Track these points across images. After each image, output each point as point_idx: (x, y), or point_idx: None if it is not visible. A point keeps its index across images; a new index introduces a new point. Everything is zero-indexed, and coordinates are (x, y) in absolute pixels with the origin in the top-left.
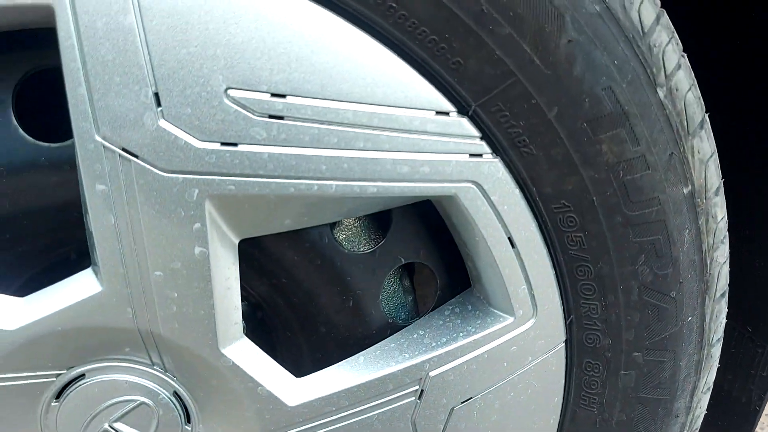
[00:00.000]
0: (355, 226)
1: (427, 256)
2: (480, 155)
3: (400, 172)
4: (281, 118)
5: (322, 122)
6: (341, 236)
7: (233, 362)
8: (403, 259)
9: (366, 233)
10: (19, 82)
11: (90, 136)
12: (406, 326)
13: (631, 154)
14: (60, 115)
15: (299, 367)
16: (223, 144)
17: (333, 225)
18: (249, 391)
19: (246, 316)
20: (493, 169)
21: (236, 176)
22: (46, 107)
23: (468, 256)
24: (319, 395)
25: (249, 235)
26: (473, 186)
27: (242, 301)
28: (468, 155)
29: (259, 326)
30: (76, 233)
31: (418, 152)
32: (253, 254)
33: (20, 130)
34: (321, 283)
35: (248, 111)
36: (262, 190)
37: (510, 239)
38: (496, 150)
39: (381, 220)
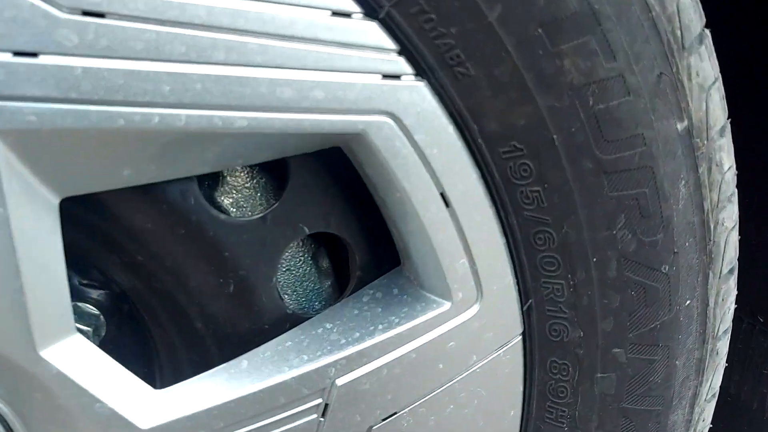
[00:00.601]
0: (245, 187)
1: (341, 226)
2: (397, 77)
3: (281, 98)
4: (101, 15)
5: (161, 22)
6: (226, 201)
7: (57, 369)
8: (306, 229)
9: (262, 197)
10: None
11: None
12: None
13: (605, 72)
14: None
15: (168, 376)
16: (16, 54)
17: (209, 184)
18: (84, 409)
19: (95, 308)
20: (417, 97)
21: (38, 101)
22: None
23: (391, 222)
24: (182, 414)
25: (74, 192)
26: (389, 120)
27: (85, 286)
28: (380, 76)
29: (112, 321)
30: None
31: (307, 69)
32: (91, 220)
33: None
34: (189, 260)
35: (51, 5)
36: (77, 123)
37: (443, 195)
38: (419, 69)
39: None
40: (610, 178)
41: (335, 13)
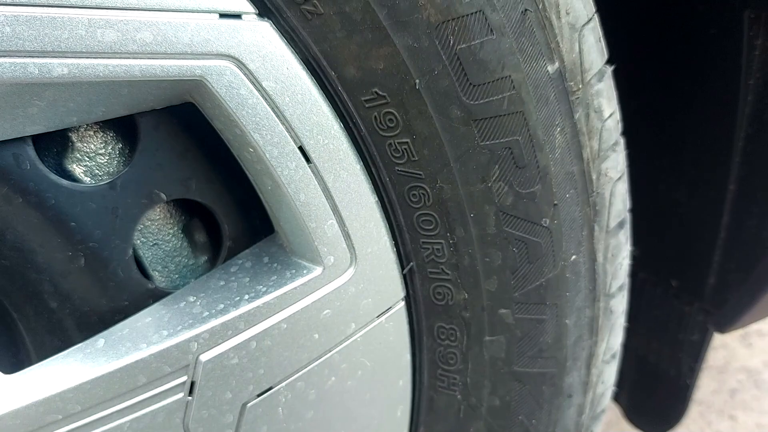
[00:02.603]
0: (98, 154)
1: (204, 192)
2: (237, 16)
3: (102, 42)
4: None
5: None
6: (78, 169)
7: None
8: (164, 195)
9: (118, 164)
10: None
11: None
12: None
13: (463, 8)
14: None
15: (21, 361)
16: None
17: (58, 151)
18: None
19: None
20: (261, 39)
21: None
22: None
23: (253, 181)
24: (35, 399)
25: None
26: (230, 64)
27: None
28: (217, 15)
29: None
30: None
31: (130, 9)
32: None
33: None
34: (32, 232)
35: None
36: None
37: (302, 150)
38: (263, 8)
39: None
40: (480, 126)
41: None
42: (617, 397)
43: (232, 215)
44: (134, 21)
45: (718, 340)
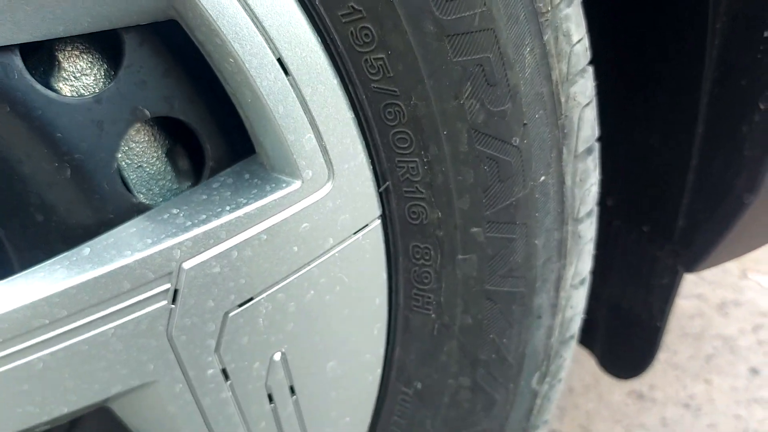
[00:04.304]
0: (84, 74)
1: (187, 110)
2: None
3: None
4: None
5: None
6: (65, 88)
7: None
8: (147, 112)
9: (101, 83)
10: None
11: None
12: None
13: None
14: None
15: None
16: None
17: (45, 70)
18: None
19: None
20: None
21: None
22: None
23: (232, 96)
24: (21, 303)
25: None
26: None
27: None
28: None
29: None
30: None
31: None
32: None
33: None
34: (16, 142)
35: None
36: None
37: (280, 62)
38: None
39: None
40: (453, 42)
41: None
42: (591, 346)
43: (214, 136)
44: None
45: (695, 309)
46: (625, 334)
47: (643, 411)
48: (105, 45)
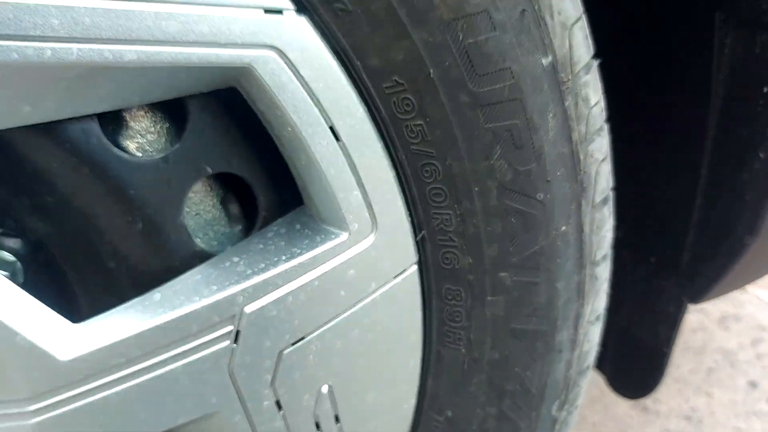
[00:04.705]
0: (149, 132)
1: (243, 166)
2: (279, 11)
3: (167, 32)
4: None
5: None
6: (131, 145)
7: None
8: (209, 169)
9: (166, 141)
10: None
11: None
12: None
13: (471, 8)
14: None
15: (79, 313)
16: None
17: (114, 129)
18: (3, 342)
19: (11, 255)
20: (299, 32)
21: None
22: None
23: (288, 159)
24: (101, 345)
25: None
26: (274, 54)
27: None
28: (262, 11)
29: (29, 266)
30: None
31: (190, 3)
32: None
33: None
34: (94, 200)
35: None
36: None
37: (332, 130)
38: (301, 5)
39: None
40: (485, 110)
41: None
42: (602, 368)
43: (265, 188)
44: (193, 14)
45: (697, 323)
46: (633, 357)
47: (647, 423)
48: (171, 107)
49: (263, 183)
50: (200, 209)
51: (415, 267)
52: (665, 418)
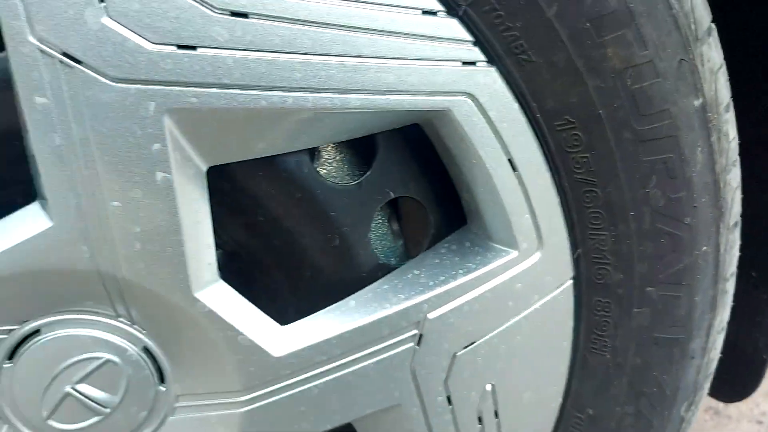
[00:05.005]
0: (336, 159)
1: (418, 190)
2: (473, 63)
3: (385, 82)
4: (245, 15)
5: (293, 21)
6: (323, 171)
7: (209, 308)
8: (392, 193)
9: (349, 166)
10: None
11: (23, 38)
12: (397, 268)
13: (639, 59)
14: None
15: (281, 316)
16: (180, 47)
17: (312, 156)
18: (228, 341)
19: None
20: (489, 80)
21: (198, 86)
22: None
23: (464, 185)
24: (307, 344)
25: (219, 161)
26: (468, 99)
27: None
28: (460, 63)
29: (234, 272)
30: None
31: (404, 59)
32: (222, 188)
33: None
34: (303, 220)
35: (206, 6)
36: (228, 103)
37: (511, 162)
38: (491, 57)
39: (365, 151)
40: (645, 145)
41: (425, 12)
42: None
43: (435, 208)
44: (407, 68)
45: None
46: (732, 364)
47: (719, 426)
48: (364, 140)
49: (433, 204)
50: (374, 221)
51: (571, 281)
52: (737, 422)
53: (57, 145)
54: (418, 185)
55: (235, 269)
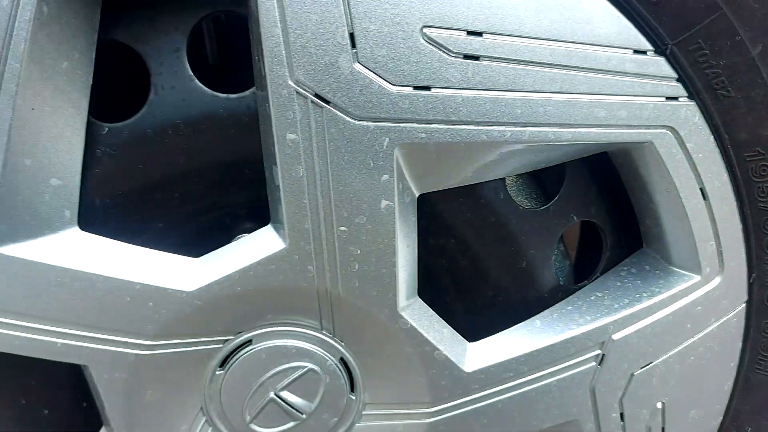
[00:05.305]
0: (525, 185)
1: (597, 214)
2: (676, 98)
3: (597, 117)
4: (476, 58)
5: (518, 62)
6: (519, 199)
7: (411, 324)
8: (575, 217)
9: (534, 190)
10: (193, 28)
11: (283, 81)
12: (575, 290)
13: None
14: (234, 63)
15: (465, 333)
16: (416, 88)
17: (504, 182)
18: (424, 355)
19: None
20: (689, 114)
21: (428, 123)
22: (218, 55)
23: (650, 212)
24: (497, 360)
25: (429, 189)
26: (669, 132)
27: None
28: (664, 98)
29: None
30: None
31: (615, 95)
32: (421, 211)
33: (196, 81)
34: (494, 242)
35: (444, 51)
36: (453, 138)
37: (702, 191)
38: (691, 93)
39: (549, 176)
40: None
41: (635, 51)
42: None
43: (611, 232)
44: (616, 102)
45: None
46: None
47: None
48: (555, 167)
49: (610, 228)
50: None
51: (744, 305)
52: None
53: (300, 176)
54: (598, 210)
55: (428, 288)
